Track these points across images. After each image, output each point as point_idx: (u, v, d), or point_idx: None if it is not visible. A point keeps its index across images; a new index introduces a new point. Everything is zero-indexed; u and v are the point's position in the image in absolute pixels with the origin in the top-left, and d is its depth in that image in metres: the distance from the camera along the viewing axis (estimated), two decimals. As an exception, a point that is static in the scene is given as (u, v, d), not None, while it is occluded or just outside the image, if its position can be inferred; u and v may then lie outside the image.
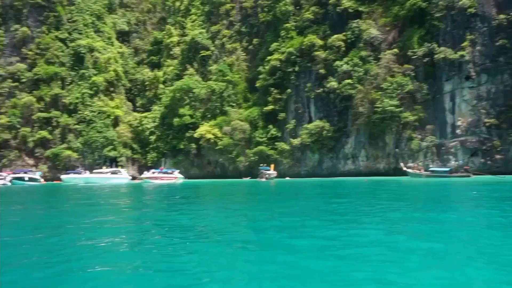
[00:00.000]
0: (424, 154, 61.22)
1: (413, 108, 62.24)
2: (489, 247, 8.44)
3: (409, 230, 10.84)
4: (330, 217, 14.16)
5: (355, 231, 10.55)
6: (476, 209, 16.17)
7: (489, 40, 59.03)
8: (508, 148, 56.33)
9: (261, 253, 8.21)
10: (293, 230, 11.01)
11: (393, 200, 21.46)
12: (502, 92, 57.57)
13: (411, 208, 17.21)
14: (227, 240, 9.69)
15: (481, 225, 11.67)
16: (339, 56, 70.31)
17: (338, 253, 8.09)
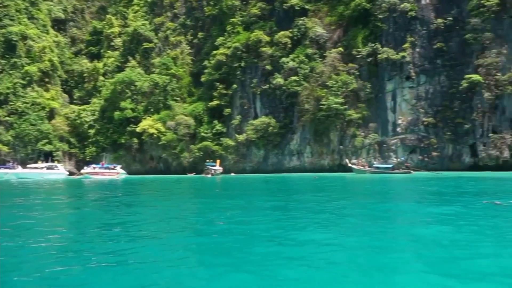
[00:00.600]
0: (367, 151, 62.99)
1: (357, 106, 63.84)
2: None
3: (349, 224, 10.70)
4: (277, 213, 13.98)
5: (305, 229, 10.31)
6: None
7: (428, 42, 61.72)
8: (444, 146, 59.19)
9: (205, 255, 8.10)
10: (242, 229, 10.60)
11: (345, 195, 21.58)
12: (439, 92, 60.39)
13: (367, 202, 17.29)
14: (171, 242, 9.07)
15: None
16: (285, 52, 70.70)
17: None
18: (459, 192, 21.41)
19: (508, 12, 57.43)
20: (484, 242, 8.48)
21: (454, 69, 59.48)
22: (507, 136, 54.70)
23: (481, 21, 58.00)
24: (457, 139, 58.22)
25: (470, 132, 57.25)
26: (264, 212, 14.35)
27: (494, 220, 11.41)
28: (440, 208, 14.43)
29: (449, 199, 17.90)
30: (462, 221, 11.18)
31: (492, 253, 7.64)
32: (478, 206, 14.53)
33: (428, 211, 13.66)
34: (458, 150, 58.38)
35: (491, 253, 7.61)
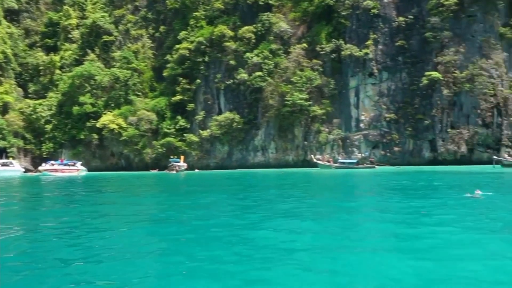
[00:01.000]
0: (331, 147, 63.66)
1: (321, 102, 64.36)
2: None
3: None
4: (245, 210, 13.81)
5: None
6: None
7: (390, 40, 62.98)
8: (405, 141, 60.65)
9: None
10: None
11: (323, 191, 21.55)
12: (400, 89, 61.76)
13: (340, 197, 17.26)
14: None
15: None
16: (249, 48, 70.30)
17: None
18: (435, 185, 21.81)
19: (466, 12, 59.38)
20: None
21: (415, 66, 61.01)
22: (464, 131, 56.63)
23: (440, 20, 59.68)
24: (417, 135, 59.77)
25: (430, 128, 58.88)
26: (228, 208, 14.08)
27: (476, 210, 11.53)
28: (427, 201, 14.53)
29: (430, 193, 18.13)
30: (460, 214, 11.22)
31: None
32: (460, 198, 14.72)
33: (412, 205, 13.71)
34: (418, 145, 59.94)
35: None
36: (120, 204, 17.64)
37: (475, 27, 59.06)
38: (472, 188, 15.89)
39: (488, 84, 56.09)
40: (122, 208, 15.96)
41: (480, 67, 56.82)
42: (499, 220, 10.31)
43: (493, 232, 8.95)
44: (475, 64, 57.03)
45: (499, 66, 57.30)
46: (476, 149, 56.86)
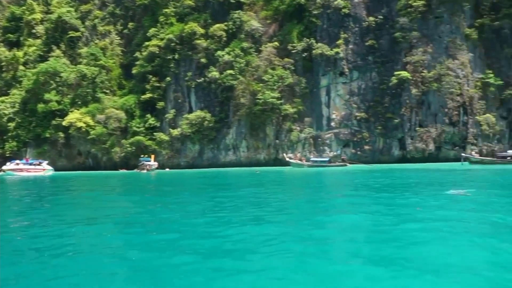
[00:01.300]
0: (302, 145, 63.87)
1: (293, 100, 64.50)
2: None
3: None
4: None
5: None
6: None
7: (360, 39, 63.71)
8: (375, 140, 61.52)
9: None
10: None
11: (303, 189, 21.44)
12: (371, 88, 62.58)
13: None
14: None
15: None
16: (220, 46, 69.72)
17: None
18: (414, 183, 22.02)
19: (433, 13, 60.69)
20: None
21: (385, 66, 61.95)
22: (432, 130, 57.89)
23: (409, 20, 60.83)
24: (387, 133, 60.72)
25: (399, 126, 59.92)
26: (199, 209, 13.76)
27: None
28: (412, 199, 14.55)
29: (413, 190, 18.22)
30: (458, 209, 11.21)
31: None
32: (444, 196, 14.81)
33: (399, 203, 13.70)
34: (388, 143, 60.92)
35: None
36: (90, 204, 16.96)
37: (442, 28, 60.43)
38: (453, 185, 16.10)
39: (454, 84, 57.51)
40: (91, 209, 15.36)
41: (447, 67, 58.21)
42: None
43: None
44: (442, 64, 58.38)
45: (464, 67, 58.82)
46: (443, 147, 58.24)
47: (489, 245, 7.43)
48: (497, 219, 9.74)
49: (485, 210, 11.32)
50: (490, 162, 47.67)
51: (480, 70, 59.64)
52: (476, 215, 10.56)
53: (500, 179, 24.19)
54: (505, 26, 60.40)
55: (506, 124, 59.49)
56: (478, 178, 25.51)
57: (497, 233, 8.38)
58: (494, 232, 8.46)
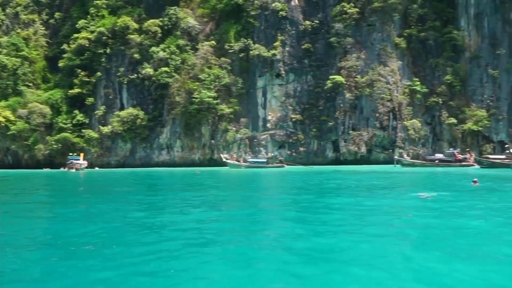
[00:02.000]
0: (238, 146, 63.49)
1: (229, 101, 63.94)
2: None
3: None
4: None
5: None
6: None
7: (297, 42, 64.57)
8: (310, 142, 62.58)
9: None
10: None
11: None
12: (306, 91, 63.61)
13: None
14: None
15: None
16: (155, 42, 67.57)
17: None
18: (371, 185, 22.29)
19: (366, 21, 62.99)
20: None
21: (320, 70, 63.23)
22: (364, 133, 59.93)
23: (344, 27, 62.60)
24: (321, 136, 61.98)
25: (333, 129, 61.41)
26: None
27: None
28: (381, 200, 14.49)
29: (378, 192, 18.32)
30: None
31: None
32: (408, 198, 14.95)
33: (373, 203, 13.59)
34: (322, 145, 62.21)
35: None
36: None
37: (374, 35, 62.86)
38: (413, 188, 16.37)
39: (385, 90, 60.00)
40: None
41: (378, 73, 60.61)
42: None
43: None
44: (374, 70, 60.71)
45: (394, 74, 61.58)
46: (374, 150, 60.51)
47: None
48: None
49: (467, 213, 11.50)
50: (421, 165, 50.15)
51: (408, 78, 62.77)
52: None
53: (445, 180, 25.33)
54: (430, 38, 64.08)
55: (430, 130, 63.11)
56: (429, 180, 26.43)
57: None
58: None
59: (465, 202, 14.24)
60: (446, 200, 14.50)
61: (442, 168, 46.53)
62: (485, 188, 18.86)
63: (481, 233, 8.92)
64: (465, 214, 11.57)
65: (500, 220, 10.34)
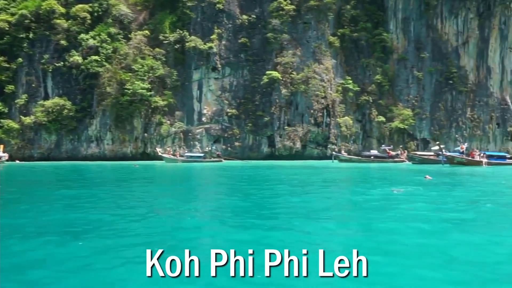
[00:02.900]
0: (172, 140, 61.91)
1: (163, 93, 62.13)
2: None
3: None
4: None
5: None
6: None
7: (233, 36, 64.12)
8: (245, 137, 62.46)
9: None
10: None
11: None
12: (242, 85, 63.38)
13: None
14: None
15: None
16: (84, 28, 63.88)
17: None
18: (330, 179, 22.31)
19: (302, 19, 63.96)
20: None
21: (256, 65, 63.28)
22: (299, 129, 60.88)
23: (280, 23, 63.07)
24: (257, 131, 62.08)
25: (269, 124, 61.73)
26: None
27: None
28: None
29: (350, 188, 18.26)
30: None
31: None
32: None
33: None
34: (258, 140, 62.34)
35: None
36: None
37: (310, 33, 64.03)
38: (378, 183, 16.51)
39: (320, 87, 61.32)
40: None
41: (313, 70, 61.81)
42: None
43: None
44: (310, 67, 61.85)
45: (328, 71, 63.13)
46: (308, 146, 61.67)
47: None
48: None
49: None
50: (357, 161, 51.83)
51: (341, 76, 64.67)
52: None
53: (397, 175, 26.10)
54: (362, 38, 66.43)
55: (360, 127, 65.52)
56: (384, 176, 27.03)
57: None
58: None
59: (440, 192, 14.73)
60: (419, 194, 14.88)
61: (377, 163, 48.42)
62: (439, 182, 19.67)
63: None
64: (456, 202, 11.88)
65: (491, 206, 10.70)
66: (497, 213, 10.62)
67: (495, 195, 14.88)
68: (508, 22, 68.25)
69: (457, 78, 66.21)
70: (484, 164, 39.42)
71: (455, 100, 66.36)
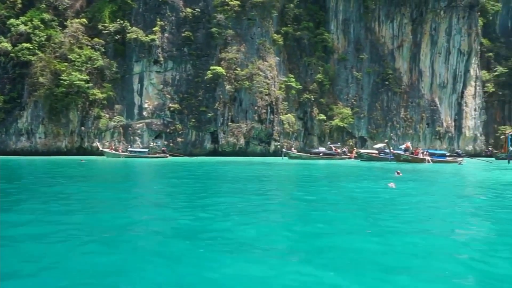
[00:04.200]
0: (111, 134, 59.37)
1: (102, 85, 59.40)
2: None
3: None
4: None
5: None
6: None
7: (177, 30, 62.61)
8: (188, 132, 61.31)
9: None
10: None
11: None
12: (185, 80, 62.10)
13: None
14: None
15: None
16: (14, 13, 59.49)
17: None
18: (312, 176, 22.14)
19: (247, 15, 63.76)
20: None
21: (200, 59, 62.26)
22: (243, 125, 60.71)
23: (225, 18, 62.45)
24: (200, 126, 61.13)
25: (212, 120, 61.00)
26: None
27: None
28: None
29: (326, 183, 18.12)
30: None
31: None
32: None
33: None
34: (201, 136, 61.41)
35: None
36: None
37: (254, 30, 64.02)
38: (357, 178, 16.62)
39: (264, 84, 61.49)
40: None
41: (257, 67, 61.87)
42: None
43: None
44: (254, 64, 61.84)
45: (272, 69, 63.51)
46: (251, 142, 61.67)
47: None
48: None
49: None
50: (307, 158, 52.50)
51: (284, 74, 65.33)
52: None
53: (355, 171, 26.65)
54: (304, 37, 67.53)
55: (302, 124, 66.64)
56: (357, 173, 27.35)
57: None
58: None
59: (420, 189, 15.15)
60: (418, 187, 15.34)
61: (326, 160, 49.45)
62: (411, 178, 20.34)
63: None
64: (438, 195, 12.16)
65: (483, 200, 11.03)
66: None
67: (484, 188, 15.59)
68: (438, 28, 72.36)
69: (392, 80, 69.30)
70: (427, 162, 41.50)
71: (391, 101, 69.44)
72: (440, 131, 71.14)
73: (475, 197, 12.98)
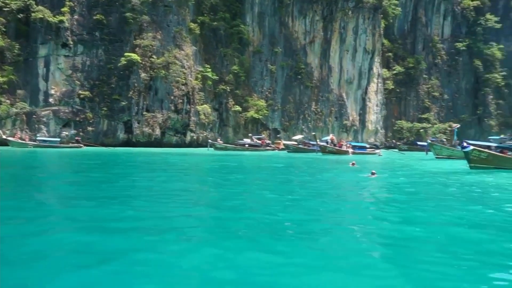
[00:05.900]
0: (13, 122, 54.60)
1: (2, 68, 54.30)
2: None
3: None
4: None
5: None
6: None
7: (87, 12, 59.08)
8: (99, 121, 58.41)
9: None
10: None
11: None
12: (96, 66, 58.94)
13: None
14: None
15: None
16: None
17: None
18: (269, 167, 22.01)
19: (163, 1, 61.99)
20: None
21: (113, 45, 59.39)
22: (158, 115, 59.26)
23: (140, 3, 60.13)
24: (113, 115, 58.50)
25: (126, 109, 58.66)
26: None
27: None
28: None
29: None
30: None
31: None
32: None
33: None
34: (113, 126, 58.76)
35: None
36: None
37: (171, 17, 62.51)
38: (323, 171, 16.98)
39: (180, 73, 60.44)
40: None
41: (174, 56, 60.60)
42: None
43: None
44: (170, 52, 60.45)
45: (189, 58, 62.62)
46: (167, 133, 60.43)
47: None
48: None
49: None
50: (233, 149, 52.86)
51: (200, 64, 64.79)
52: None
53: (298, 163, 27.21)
54: (220, 28, 67.46)
55: (217, 115, 66.73)
56: (303, 162, 27.79)
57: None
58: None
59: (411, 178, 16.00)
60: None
61: (251, 151, 50.39)
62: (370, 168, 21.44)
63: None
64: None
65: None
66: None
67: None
68: (347, 27, 76.42)
69: (304, 74, 71.97)
70: (350, 153, 43.99)
71: (303, 94, 72.13)
72: (347, 125, 75.49)
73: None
